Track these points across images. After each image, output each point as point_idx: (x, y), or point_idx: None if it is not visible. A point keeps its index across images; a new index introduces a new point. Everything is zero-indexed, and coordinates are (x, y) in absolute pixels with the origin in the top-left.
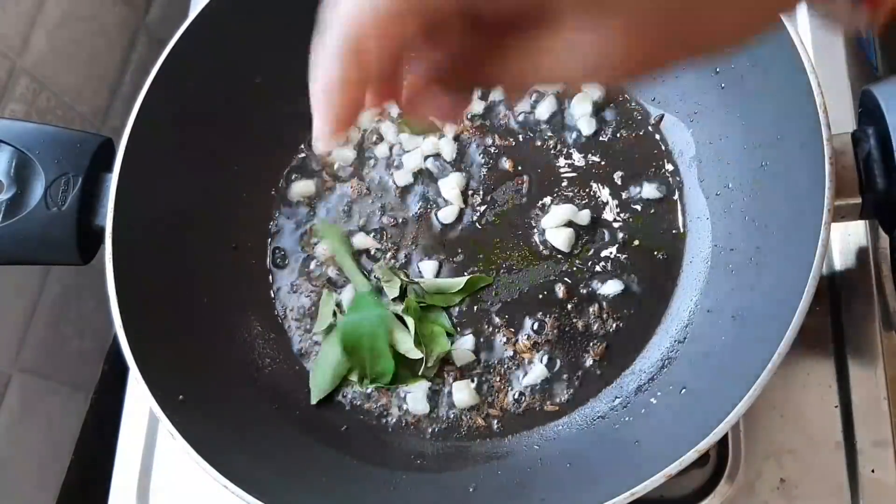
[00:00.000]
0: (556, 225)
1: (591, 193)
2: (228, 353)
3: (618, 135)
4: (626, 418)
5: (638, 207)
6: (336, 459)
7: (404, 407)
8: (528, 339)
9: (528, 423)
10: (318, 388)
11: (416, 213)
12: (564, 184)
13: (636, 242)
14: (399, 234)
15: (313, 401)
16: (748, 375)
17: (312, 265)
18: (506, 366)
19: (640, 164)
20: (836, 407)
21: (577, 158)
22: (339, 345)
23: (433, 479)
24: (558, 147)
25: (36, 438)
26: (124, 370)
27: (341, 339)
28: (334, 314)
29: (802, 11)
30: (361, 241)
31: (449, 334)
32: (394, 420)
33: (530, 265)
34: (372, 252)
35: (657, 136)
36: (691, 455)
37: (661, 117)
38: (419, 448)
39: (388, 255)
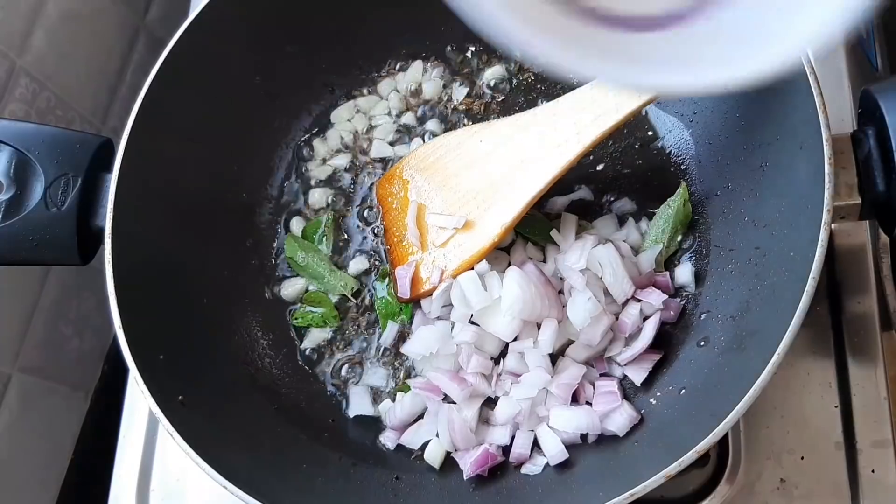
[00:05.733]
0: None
1: (590, 194)
2: (228, 353)
3: (617, 136)
4: None
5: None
6: (335, 459)
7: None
8: None
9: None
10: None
11: None
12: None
13: None
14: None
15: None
16: (748, 376)
17: None
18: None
19: (640, 165)
20: (836, 407)
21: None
22: None
23: (433, 479)
24: None
25: (36, 438)
26: (124, 370)
27: None
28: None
29: None
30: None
31: None
32: None
33: None
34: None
35: (656, 137)
36: (691, 455)
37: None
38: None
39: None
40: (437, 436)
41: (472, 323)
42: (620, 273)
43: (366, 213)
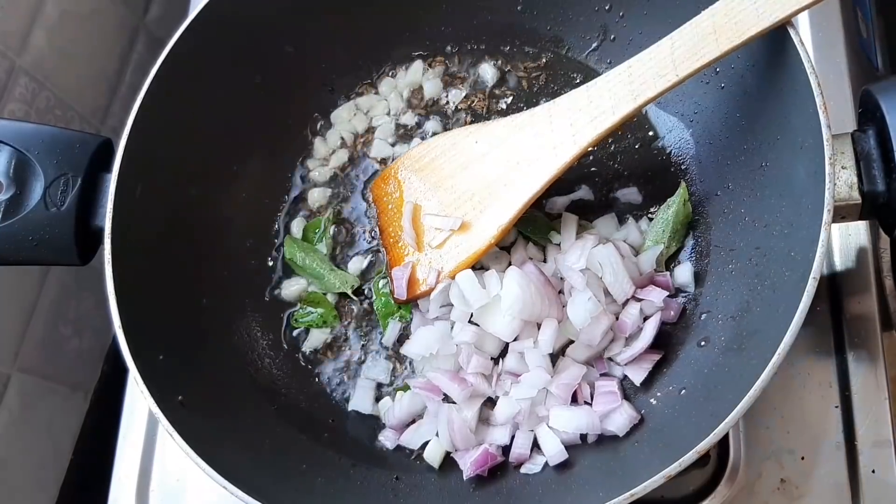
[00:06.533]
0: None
1: (590, 194)
2: (227, 353)
3: (617, 135)
4: None
5: (637, 208)
6: (336, 460)
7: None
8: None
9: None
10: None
11: None
12: (562, 184)
13: None
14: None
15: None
16: (748, 376)
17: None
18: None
19: (640, 165)
20: (836, 407)
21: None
22: None
23: (433, 479)
24: None
25: (36, 438)
26: (124, 370)
27: None
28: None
29: (803, 14)
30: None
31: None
32: None
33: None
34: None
35: (656, 137)
36: (691, 456)
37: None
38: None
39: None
40: (437, 436)
41: (472, 323)
42: (620, 273)
43: (365, 214)
